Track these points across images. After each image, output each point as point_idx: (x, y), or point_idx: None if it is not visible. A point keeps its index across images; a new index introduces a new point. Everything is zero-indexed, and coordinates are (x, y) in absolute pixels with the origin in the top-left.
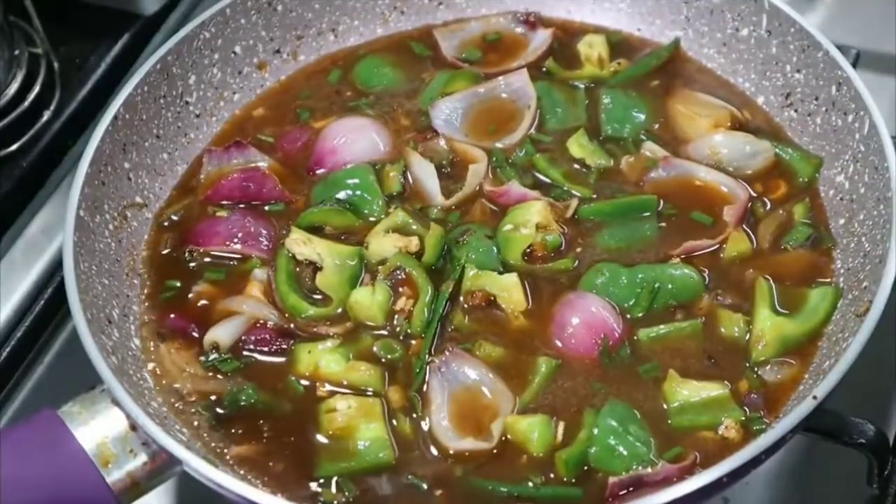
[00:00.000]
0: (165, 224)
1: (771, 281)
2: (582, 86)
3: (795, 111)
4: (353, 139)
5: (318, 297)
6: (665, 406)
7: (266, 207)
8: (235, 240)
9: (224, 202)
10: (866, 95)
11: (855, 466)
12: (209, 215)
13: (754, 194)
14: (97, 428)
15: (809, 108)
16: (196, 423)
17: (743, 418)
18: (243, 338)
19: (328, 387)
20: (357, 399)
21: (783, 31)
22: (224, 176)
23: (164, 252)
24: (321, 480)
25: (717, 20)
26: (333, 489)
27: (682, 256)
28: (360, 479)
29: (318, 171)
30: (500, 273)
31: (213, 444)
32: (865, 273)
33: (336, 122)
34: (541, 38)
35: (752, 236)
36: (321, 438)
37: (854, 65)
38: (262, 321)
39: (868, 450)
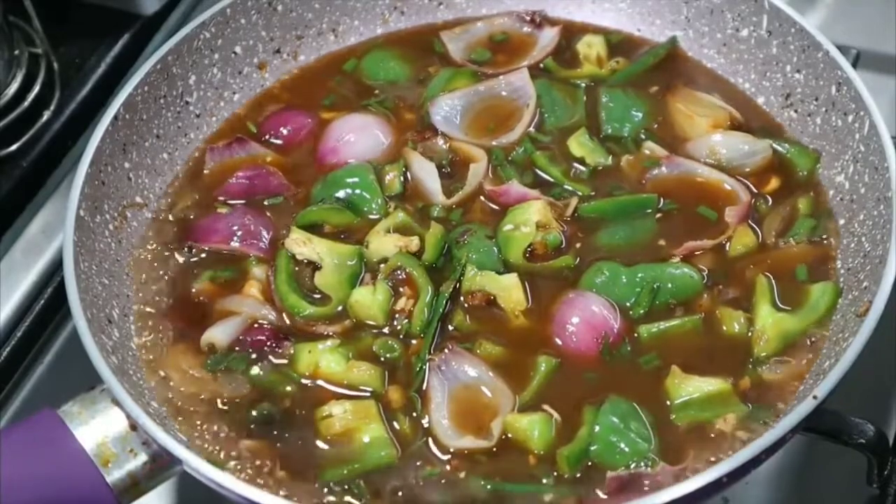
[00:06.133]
0: (165, 221)
1: (771, 277)
2: (582, 84)
3: (795, 111)
4: (356, 138)
5: (318, 296)
6: (668, 402)
7: (266, 202)
8: (235, 238)
9: (225, 198)
10: (866, 96)
11: (855, 466)
12: (210, 211)
13: (755, 191)
14: (97, 428)
15: (809, 108)
16: (196, 422)
17: (746, 412)
18: (240, 338)
19: (328, 387)
20: (352, 402)
21: (783, 31)
22: (228, 174)
23: (164, 251)
24: (330, 485)
25: (717, 20)
26: (345, 494)
27: (683, 255)
28: (369, 480)
29: (321, 165)
30: (501, 273)
31: (213, 444)
32: (865, 273)
33: (340, 119)
34: (548, 37)
35: (758, 230)
36: (321, 444)
37: (854, 65)
38: (259, 321)
39: (868, 450)
